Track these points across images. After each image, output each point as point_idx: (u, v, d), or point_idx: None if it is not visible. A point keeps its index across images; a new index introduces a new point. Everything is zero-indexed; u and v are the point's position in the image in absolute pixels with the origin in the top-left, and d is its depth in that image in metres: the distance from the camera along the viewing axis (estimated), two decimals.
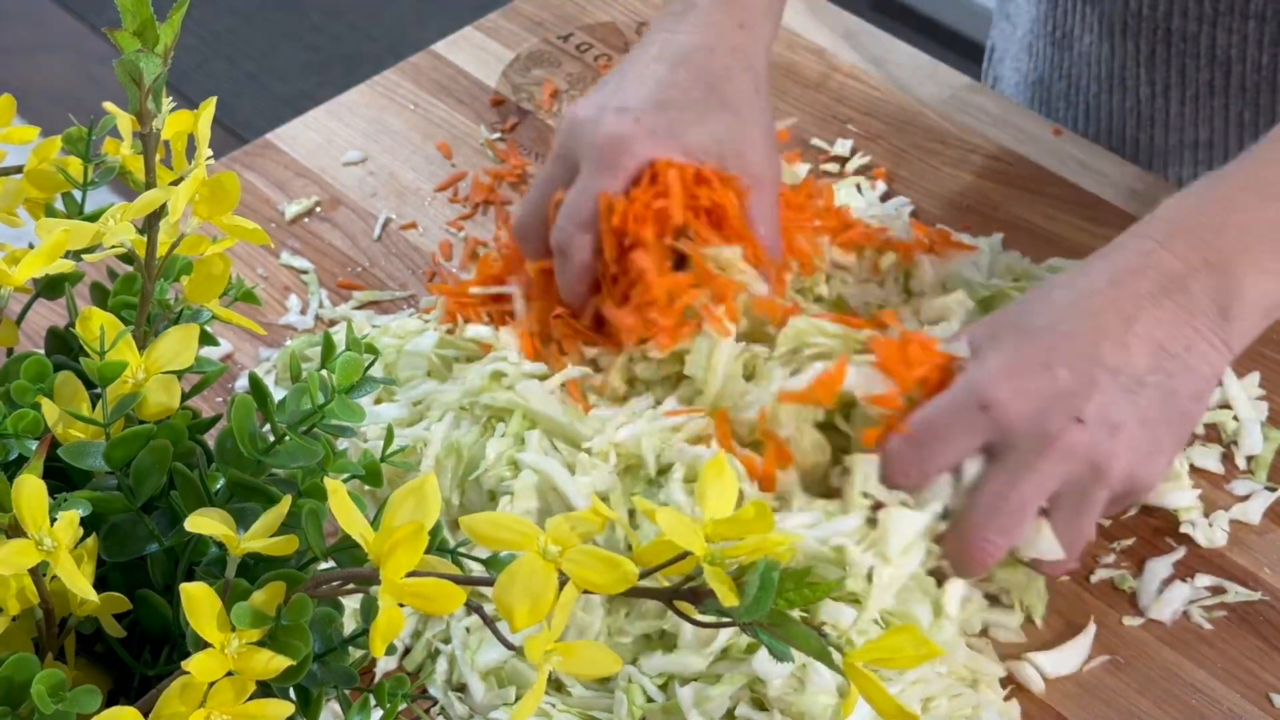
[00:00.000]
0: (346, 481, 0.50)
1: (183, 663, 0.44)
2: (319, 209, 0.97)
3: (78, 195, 0.57)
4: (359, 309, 0.91)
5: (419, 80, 1.05)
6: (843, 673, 0.46)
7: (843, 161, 1.00)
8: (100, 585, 0.48)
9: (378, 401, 0.83)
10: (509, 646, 0.47)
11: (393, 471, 0.75)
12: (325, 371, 0.51)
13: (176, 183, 0.51)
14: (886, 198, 0.97)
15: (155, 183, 0.52)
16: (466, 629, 0.74)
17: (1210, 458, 0.83)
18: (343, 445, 0.62)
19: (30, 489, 0.45)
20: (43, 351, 0.55)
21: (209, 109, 0.52)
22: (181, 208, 0.50)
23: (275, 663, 0.45)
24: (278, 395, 0.52)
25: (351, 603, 0.61)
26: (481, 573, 0.48)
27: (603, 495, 0.75)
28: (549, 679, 0.50)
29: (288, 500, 0.48)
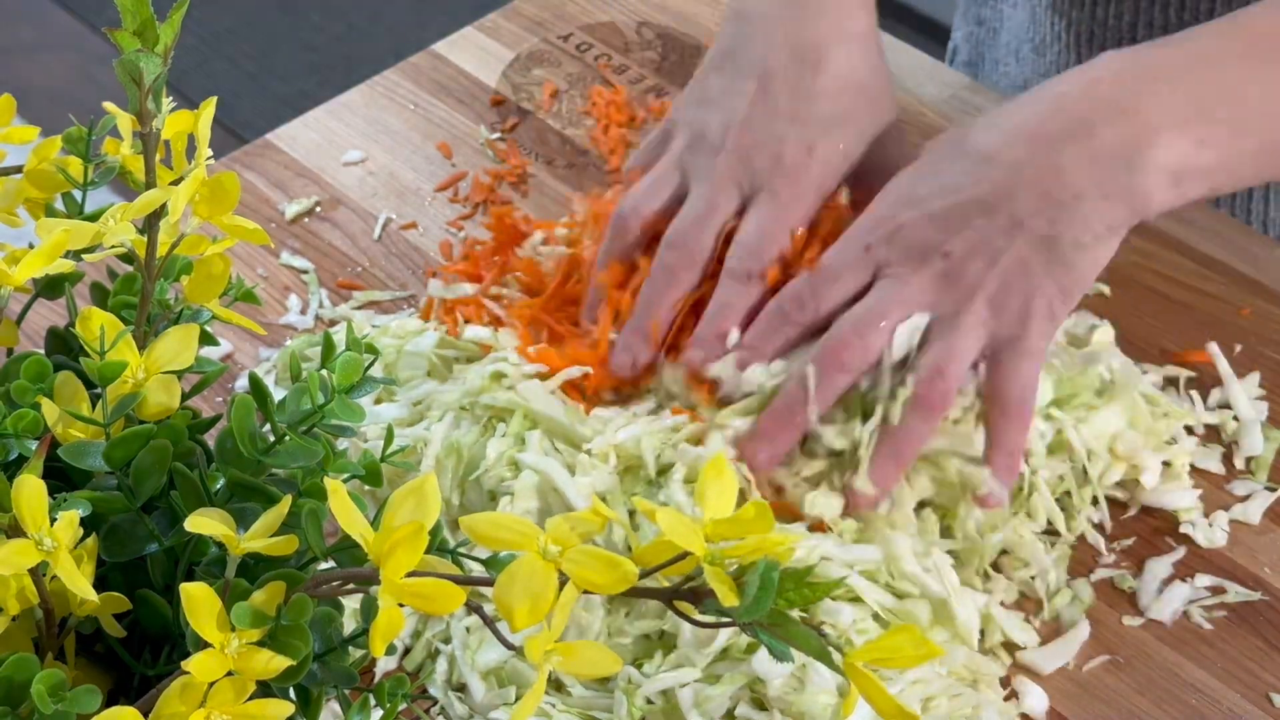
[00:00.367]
0: (346, 481, 0.50)
1: (183, 663, 0.44)
2: (319, 209, 0.97)
3: (78, 195, 0.57)
4: (359, 309, 0.91)
5: (419, 80, 1.05)
6: (842, 672, 0.46)
7: None
8: (100, 585, 0.48)
9: (378, 401, 0.83)
10: (509, 646, 0.47)
11: (393, 471, 0.75)
12: (325, 371, 0.51)
13: (176, 183, 0.51)
14: None
15: (155, 183, 0.52)
16: (466, 629, 0.74)
17: (1210, 458, 0.83)
18: (343, 445, 0.62)
19: (30, 489, 0.45)
20: (43, 351, 0.55)
21: (209, 109, 0.52)
22: (181, 208, 0.50)
23: (275, 663, 0.45)
24: (278, 395, 0.52)
25: (351, 603, 0.61)
26: (481, 573, 0.48)
27: (603, 496, 0.75)
28: (549, 679, 0.50)
29: (288, 500, 0.48)
